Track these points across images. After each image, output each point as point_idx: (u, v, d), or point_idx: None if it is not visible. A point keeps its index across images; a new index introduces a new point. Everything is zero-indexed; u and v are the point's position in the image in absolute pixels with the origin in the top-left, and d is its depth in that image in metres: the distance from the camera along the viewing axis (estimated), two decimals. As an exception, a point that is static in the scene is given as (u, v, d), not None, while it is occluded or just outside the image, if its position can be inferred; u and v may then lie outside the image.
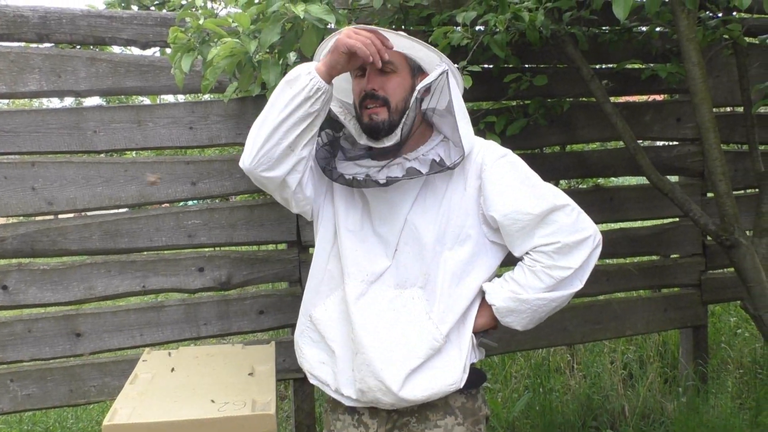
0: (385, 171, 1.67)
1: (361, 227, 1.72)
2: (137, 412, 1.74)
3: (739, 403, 3.58)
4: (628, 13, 2.16)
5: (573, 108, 3.25)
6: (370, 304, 1.67)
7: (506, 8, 2.45)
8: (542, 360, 4.26)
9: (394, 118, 1.65)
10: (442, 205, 1.68)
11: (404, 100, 1.66)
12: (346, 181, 1.68)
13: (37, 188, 2.75)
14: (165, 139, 2.89)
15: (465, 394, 1.72)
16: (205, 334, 3.00)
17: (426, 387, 1.63)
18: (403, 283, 1.68)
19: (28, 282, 2.79)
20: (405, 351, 1.63)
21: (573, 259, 1.64)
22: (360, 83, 1.68)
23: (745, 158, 3.52)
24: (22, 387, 2.82)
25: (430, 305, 1.65)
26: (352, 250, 1.70)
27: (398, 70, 1.66)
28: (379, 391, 1.62)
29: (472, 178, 1.69)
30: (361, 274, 1.69)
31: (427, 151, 1.71)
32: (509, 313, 1.69)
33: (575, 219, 1.65)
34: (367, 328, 1.64)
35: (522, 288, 1.67)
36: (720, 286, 3.64)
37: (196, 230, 2.93)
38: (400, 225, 1.68)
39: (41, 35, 2.73)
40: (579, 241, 1.65)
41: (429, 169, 1.64)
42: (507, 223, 1.66)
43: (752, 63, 3.08)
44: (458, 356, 1.67)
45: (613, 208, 3.46)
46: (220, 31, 2.15)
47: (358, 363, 1.65)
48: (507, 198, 1.65)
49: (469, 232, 1.68)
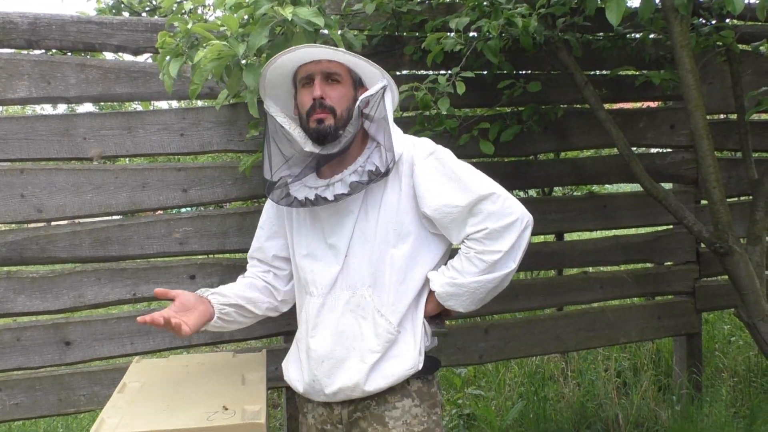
0: (331, 189, 1.81)
1: (313, 246, 1.91)
2: (125, 422, 1.71)
3: (734, 412, 3.57)
4: (621, 20, 2.16)
5: (567, 115, 3.24)
6: (329, 312, 1.85)
7: (499, 14, 2.45)
8: (536, 368, 4.25)
9: (339, 124, 1.80)
10: (381, 207, 1.83)
11: (348, 109, 1.82)
12: (300, 203, 1.84)
13: (26, 195, 2.73)
14: (156, 146, 2.86)
15: (421, 380, 1.86)
16: (196, 342, 2.97)
17: (387, 375, 1.80)
18: (354, 284, 1.83)
19: (17, 290, 2.75)
20: (364, 349, 1.80)
21: (502, 242, 1.75)
22: (308, 92, 1.82)
23: (739, 165, 3.52)
24: (10, 396, 2.78)
25: (381, 301, 1.81)
26: (309, 271, 1.90)
27: (343, 81, 1.83)
28: (347, 389, 1.81)
29: (405, 177, 1.83)
30: (318, 289, 1.88)
31: (364, 162, 1.84)
32: (449, 297, 1.82)
33: (501, 205, 1.75)
34: (328, 337, 1.84)
35: (459, 273, 1.79)
36: (714, 293, 3.63)
37: (188, 238, 2.90)
38: (350, 233, 1.84)
39: (31, 42, 2.71)
40: (506, 225, 1.74)
41: (368, 179, 1.78)
42: (438, 217, 1.79)
43: (745, 70, 3.09)
44: (413, 341, 1.82)
45: (606, 216, 3.45)
46: (208, 35, 2.12)
47: (324, 370, 1.84)
48: (435, 193, 1.79)
49: (409, 228, 1.83)
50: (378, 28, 2.92)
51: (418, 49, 2.92)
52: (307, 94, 1.83)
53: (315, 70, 1.81)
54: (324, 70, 1.81)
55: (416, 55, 2.95)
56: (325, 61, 1.81)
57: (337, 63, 1.82)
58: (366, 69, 1.86)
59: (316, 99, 1.79)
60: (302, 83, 1.85)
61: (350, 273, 1.84)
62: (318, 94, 1.79)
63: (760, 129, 3.60)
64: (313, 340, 1.86)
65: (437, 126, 2.67)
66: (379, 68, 1.85)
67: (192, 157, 4.78)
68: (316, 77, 1.81)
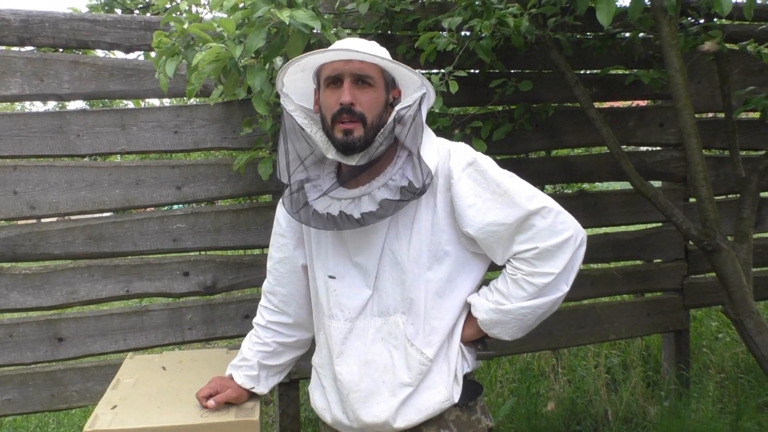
0: (357, 205, 1.60)
1: (336, 263, 1.69)
2: (119, 418, 1.72)
3: (720, 408, 3.60)
4: (611, 19, 2.18)
5: (558, 113, 3.27)
6: (357, 340, 1.66)
7: (491, 14, 2.47)
8: (527, 364, 4.27)
9: (369, 135, 1.58)
10: (414, 226, 1.62)
11: (379, 116, 1.60)
12: (321, 222, 1.62)
13: (19, 192, 2.73)
14: (149, 143, 2.87)
15: (460, 407, 1.67)
16: (190, 338, 2.98)
17: (420, 409, 1.62)
18: (386, 310, 1.64)
19: (10, 286, 2.76)
20: (395, 382, 1.62)
21: (554, 263, 1.57)
22: (334, 94, 1.58)
23: (727, 163, 3.56)
24: (2, 392, 2.78)
25: (415, 330, 1.63)
26: (333, 291, 1.69)
27: (375, 84, 1.59)
28: (376, 426, 1.63)
29: (441, 192, 1.62)
30: (344, 313, 1.67)
31: (396, 174, 1.62)
32: (494, 324, 1.65)
33: (552, 221, 1.57)
34: (355, 368, 1.65)
35: (505, 298, 1.62)
36: (702, 290, 3.67)
37: (181, 234, 2.91)
38: (378, 253, 1.64)
39: (23, 39, 2.70)
40: (558, 244, 1.56)
41: (401, 197, 1.57)
42: (483, 237, 1.60)
43: (733, 69, 3.11)
44: (447, 370, 1.65)
45: (597, 213, 3.48)
46: (204, 35, 2.14)
47: (350, 402, 1.66)
48: (478, 211, 1.58)
49: (446, 248, 1.63)
50: (371, 27, 2.93)
51: (411, 48, 2.94)
52: (333, 96, 1.58)
53: (344, 69, 1.57)
54: (355, 72, 1.57)
55: (409, 54, 2.96)
56: (357, 60, 1.58)
57: (371, 63, 1.59)
58: (404, 73, 1.64)
59: (344, 105, 1.56)
60: (327, 83, 1.60)
61: (382, 298, 1.64)
62: (348, 101, 1.55)
63: (748, 127, 3.64)
64: (339, 368, 1.67)
65: (430, 125, 2.69)
66: (419, 74, 1.63)
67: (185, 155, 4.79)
68: (346, 79, 1.57)
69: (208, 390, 1.80)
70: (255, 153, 2.79)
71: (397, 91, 1.68)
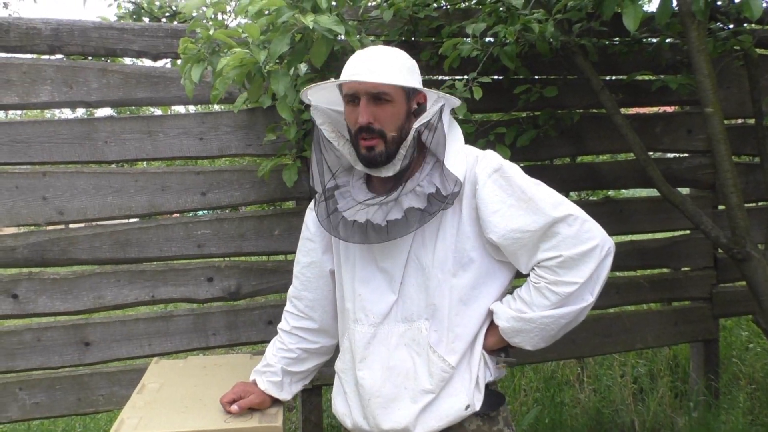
0: (383, 212, 1.61)
1: (363, 268, 1.70)
2: (144, 423, 1.74)
3: (751, 419, 3.53)
4: (638, 25, 2.16)
5: (583, 119, 3.24)
6: (380, 345, 1.67)
7: (516, 20, 2.46)
8: (551, 373, 4.23)
9: (391, 149, 1.59)
10: (439, 233, 1.62)
11: (400, 128, 1.60)
12: (349, 234, 1.63)
13: (48, 198, 2.77)
14: (175, 149, 2.90)
15: (481, 417, 1.66)
16: (214, 344, 3.00)
17: (440, 416, 1.62)
18: (410, 316, 1.65)
19: (38, 291, 2.80)
20: (417, 389, 1.62)
21: (579, 273, 1.55)
22: (353, 112, 1.60)
23: (757, 170, 3.50)
24: (30, 396, 2.82)
25: (438, 337, 1.63)
26: (358, 296, 1.70)
27: (393, 99, 1.58)
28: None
29: (467, 198, 1.62)
30: (369, 318, 1.68)
31: (422, 179, 1.62)
32: (516, 333, 1.63)
33: (578, 229, 1.55)
34: (377, 373, 1.66)
35: (527, 306, 1.61)
36: (731, 299, 3.60)
37: (206, 240, 2.94)
38: (404, 259, 1.64)
39: (53, 47, 2.76)
40: (584, 252, 1.54)
41: (427, 205, 1.57)
42: (507, 244, 1.59)
43: (763, 74, 3.07)
44: (469, 378, 1.64)
45: (623, 220, 3.44)
46: (230, 41, 2.16)
47: (372, 408, 1.66)
48: (502, 217, 1.58)
49: (471, 255, 1.63)
50: (395, 33, 2.94)
51: (434, 55, 2.94)
52: (352, 114, 1.60)
53: (360, 89, 1.57)
54: (370, 90, 1.57)
55: (433, 60, 2.96)
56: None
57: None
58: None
59: (362, 125, 1.57)
60: (347, 100, 1.62)
61: (406, 303, 1.65)
62: (364, 122, 1.56)
63: (779, 134, 3.57)
64: (361, 373, 1.68)
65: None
66: (431, 90, 1.64)
67: (210, 161, 4.84)
68: (362, 98, 1.57)
69: (232, 395, 1.81)
70: (279, 159, 2.80)
71: (422, 95, 1.67)
